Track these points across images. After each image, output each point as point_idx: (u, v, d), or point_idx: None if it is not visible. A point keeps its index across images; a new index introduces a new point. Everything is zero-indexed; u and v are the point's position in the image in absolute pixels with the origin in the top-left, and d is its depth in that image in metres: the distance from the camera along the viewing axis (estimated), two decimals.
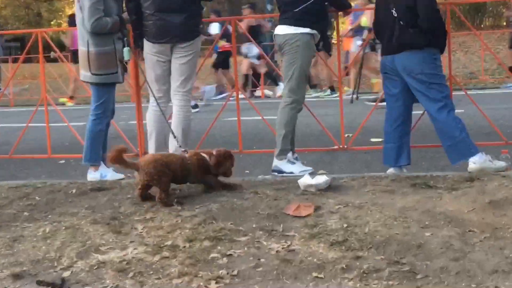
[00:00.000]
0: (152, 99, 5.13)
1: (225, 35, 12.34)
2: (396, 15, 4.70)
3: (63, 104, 14.16)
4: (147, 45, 5.08)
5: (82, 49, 5.17)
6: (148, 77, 5.16)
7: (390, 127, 4.93)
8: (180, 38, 4.99)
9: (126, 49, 5.07)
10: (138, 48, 5.25)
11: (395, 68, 4.78)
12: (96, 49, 5.10)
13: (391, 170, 4.93)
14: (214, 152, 4.34)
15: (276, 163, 5.09)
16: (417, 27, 4.62)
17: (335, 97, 11.69)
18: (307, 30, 4.98)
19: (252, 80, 14.93)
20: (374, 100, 9.91)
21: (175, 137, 4.74)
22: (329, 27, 7.86)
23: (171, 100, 5.20)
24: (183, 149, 4.49)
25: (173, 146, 4.94)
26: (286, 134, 5.04)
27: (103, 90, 5.23)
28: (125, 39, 5.12)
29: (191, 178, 4.29)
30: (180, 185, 4.43)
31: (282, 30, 5.08)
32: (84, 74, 5.22)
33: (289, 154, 5.09)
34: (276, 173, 5.04)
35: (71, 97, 14.53)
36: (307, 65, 5.09)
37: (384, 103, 5.08)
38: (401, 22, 4.67)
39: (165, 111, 5.12)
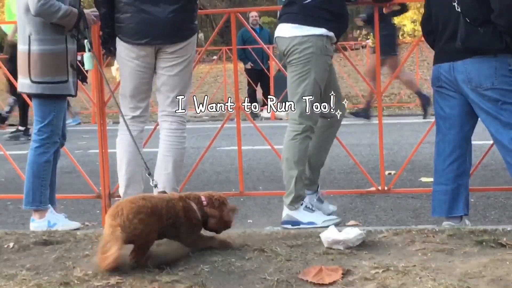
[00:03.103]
0: (123, 120, 5.14)
1: None
2: (459, 9, 4.72)
3: None
4: (122, 47, 5.10)
5: (21, 48, 5.21)
6: (121, 90, 5.17)
7: (443, 164, 4.91)
8: (168, 38, 5.01)
9: (87, 55, 5.09)
10: (109, 53, 5.26)
11: (454, 79, 4.79)
12: (41, 48, 5.12)
13: (448, 222, 4.91)
14: (203, 199, 4.32)
15: (288, 212, 5.09)
16: (489, 25, 4.64)
17: (371, 121, 11.76)
18: (322, 31, 5.01)
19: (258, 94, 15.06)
20: None
21: (149, 174, 4.70)
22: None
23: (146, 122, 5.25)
24: (160, 190, 4.47)
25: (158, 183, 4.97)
26: (299, 175, 5.04)
27: (49, 105, 5.24)
28: (86, 41, 5.13)
29: (177, 231, 4.26)
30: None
31: (286, 30, 5.08)
32: (22, 82, 5.23)
33: (306, 199, 5.09)
34: (289, 226, 5.03)
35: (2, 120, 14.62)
36: (322, 80, 5.08)
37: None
38: (467, 19, 4.69)
39: (141, 137, 5.14)
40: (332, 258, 4.08)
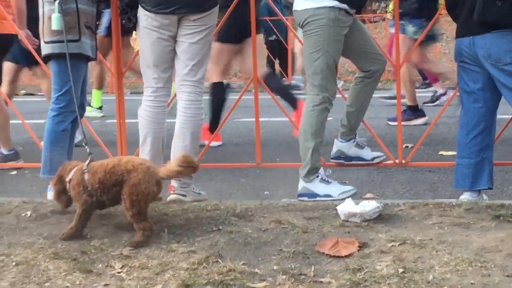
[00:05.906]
0: (147, 92, 5.15)
1: None
2: None
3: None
4: (144, 17, 5.08)
5: (39, 12, 5.21)
6: (144, 61, 5.17)
7: (466, 137, 4.90)
8: (193, 8, 5.01)
9: (56, 15, 5.00)
10: (128, 24, 5.22)
11: (475, 54, 4.76)
12: (50, 8, 5.07)
13: (465, 196, 4.90)
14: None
15: (305, 184, 5.09)
16: None
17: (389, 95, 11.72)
18: (334, 3, 4.99)
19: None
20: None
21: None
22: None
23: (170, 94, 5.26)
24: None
25: (177, 156, 5.01)
26: (316, 147, 5.05)
27: (66, 73, 5.22)
28: (57, 2, 5.00)
29: None
30: (174, 210, 4.45)
31: (300, 3, 5.10)
32: (41, 46, 5.24)
33: (321, 171, 5.09)
34: (306, 198, 5.03)
35: None
36: (335, 51, 5.09)
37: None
38: None
39: (164, 112, 5.16)
40: (349, 230, 4.09)
